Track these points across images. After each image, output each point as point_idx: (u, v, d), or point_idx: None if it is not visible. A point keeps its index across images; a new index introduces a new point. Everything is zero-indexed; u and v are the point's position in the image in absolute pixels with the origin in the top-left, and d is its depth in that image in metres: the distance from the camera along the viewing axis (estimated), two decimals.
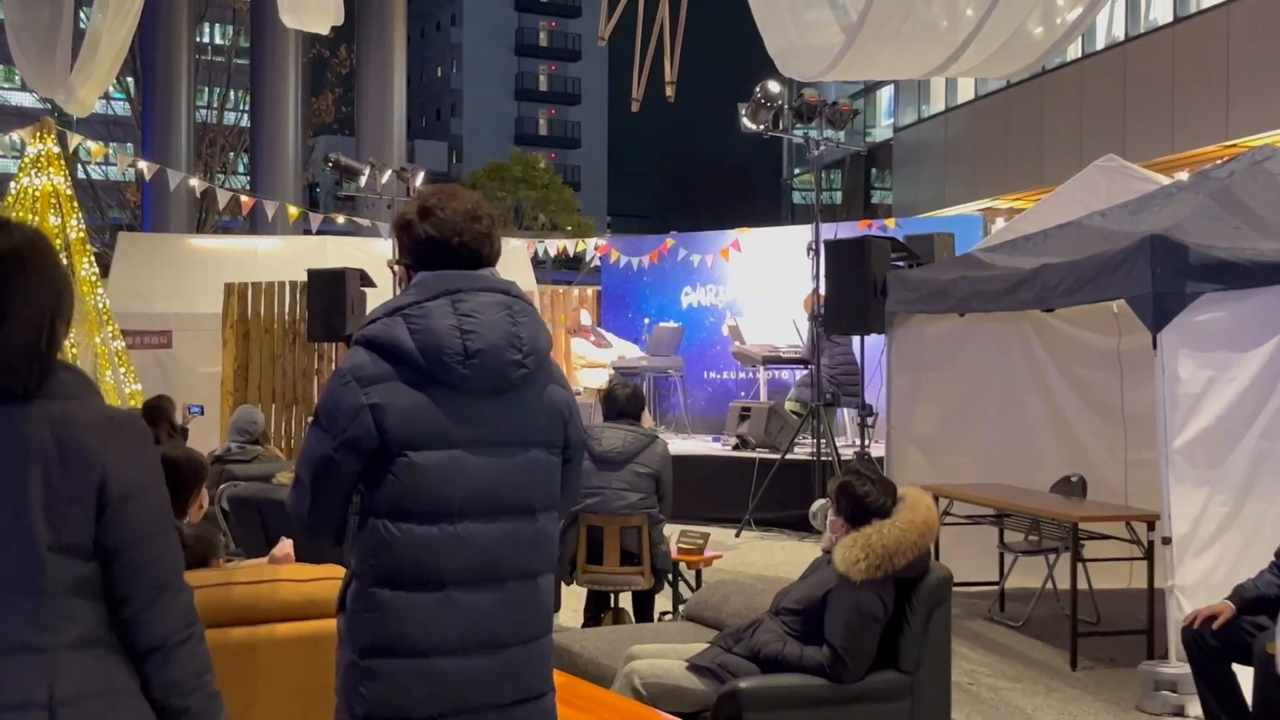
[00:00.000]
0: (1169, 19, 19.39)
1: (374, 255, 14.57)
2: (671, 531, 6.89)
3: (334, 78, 28.65)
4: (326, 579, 3.75)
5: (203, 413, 12.43)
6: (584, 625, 6.55)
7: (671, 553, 6.76)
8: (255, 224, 22.59)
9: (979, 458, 8.55)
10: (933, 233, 11.35)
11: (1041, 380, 8.67)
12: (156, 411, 9.34)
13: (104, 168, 27.31)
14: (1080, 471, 8.28)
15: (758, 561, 10.01)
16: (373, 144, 21.60)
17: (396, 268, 3.07)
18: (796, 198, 56.39)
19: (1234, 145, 17.07)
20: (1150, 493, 8.40)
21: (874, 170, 43.11)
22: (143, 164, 16.68)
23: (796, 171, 58.17)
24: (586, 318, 14.92)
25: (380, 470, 2.70)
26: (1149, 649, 6.45)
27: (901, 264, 10.23)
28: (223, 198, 15.31)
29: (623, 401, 6.56)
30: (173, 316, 16.04)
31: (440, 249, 2.84)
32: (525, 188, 40.52)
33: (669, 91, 6.52)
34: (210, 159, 27.72)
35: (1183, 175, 10.10)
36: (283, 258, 15.21)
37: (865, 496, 4.30)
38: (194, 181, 15.51)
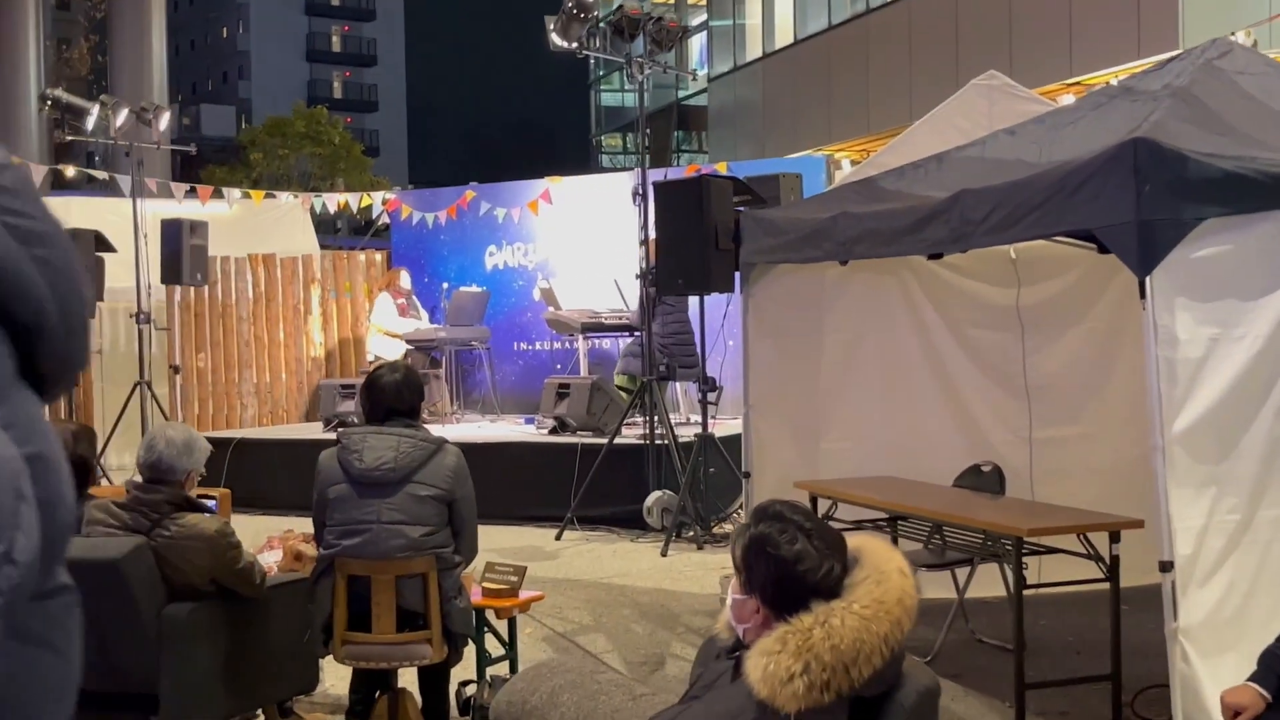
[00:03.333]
0: None
1: (123, 217, 12.18)
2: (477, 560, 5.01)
3: (87, 23, 25.59)
4: None
5: None
6: (348, 717, 4.62)
7: (474, 595, 4.89)
8: None
9: (859, 442, 6.89)
10: (777, 173, 9.64)
11: (929, 344, 7.05)
12: None
13: None
14: (978, 454, 6.73)
15: (586, 571, 8.21)
16: (130, 95, 18.95)
17: None
18: (605, 160, 54.76)
19: (1078, 82, 15.89)
20: (1059, 481, 6.88)
21: (682, 132, 41.64)
22: None
23: (604, 135, 56.53)
24: (407, 281, 12.75)
25: None
26: (1114, 701, 4.85)
27: (743, 210, 8.52)
28: None
29: (392, 394, 4.59)
30: None
31: None
32: (311, 145, 37.58)
33: None
34: None
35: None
36: None
37: (799, 562, 2.48)
38: None
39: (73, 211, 13.78)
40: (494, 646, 5.08)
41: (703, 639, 6.57)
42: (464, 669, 4.86)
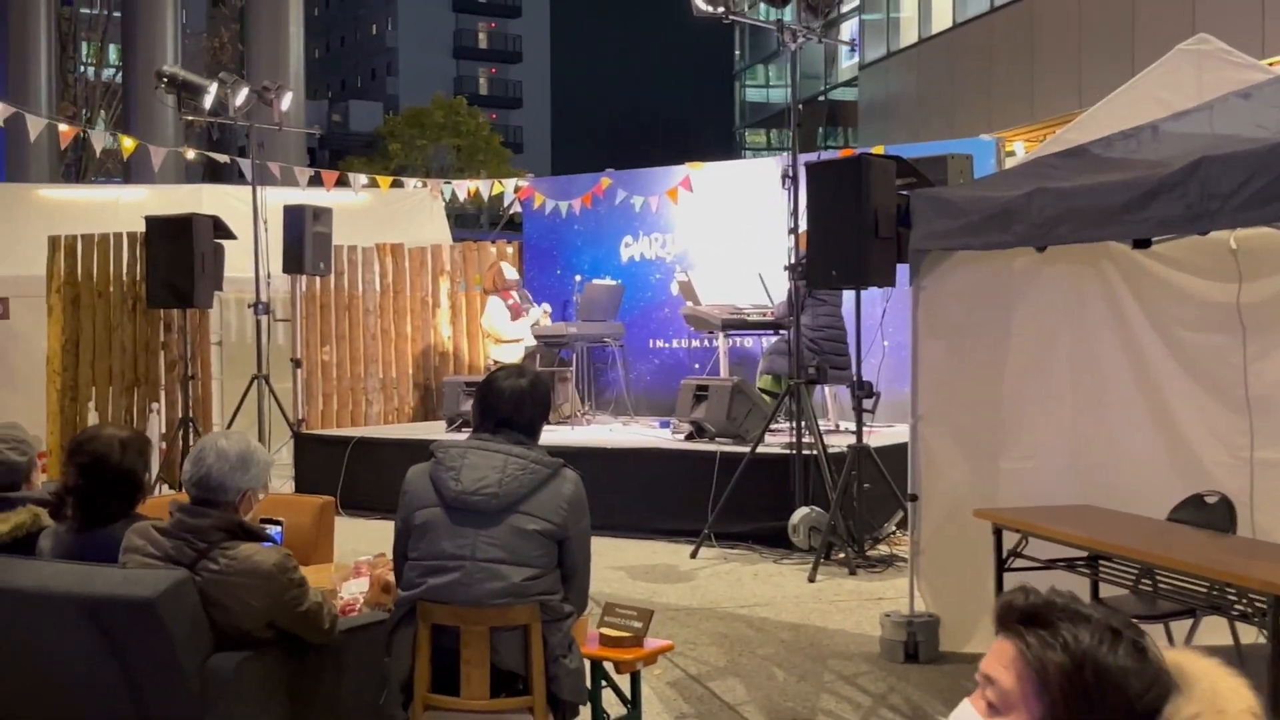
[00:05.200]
0: None
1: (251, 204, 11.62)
2: (591, 600, 4.18)
3: (228, 11, 25.59)
4: None
5: None
6: None
7: (590, 643, 4.06)
8: (132, 176, 19.74)
9: (1045, 462, 5.90)
10: (944, 154, 8.63)
11: (1132, 347, 6.02)
12: None
13: None
14: (1187, 477, 5.71)
15: (723, 597, 7.33)
16: (266, 78, 18.66)
17: None
18: (748, 155, 53.81)
19: (1274, 61, 14.46)
20: None
21: (828, 127, 40.36)
22: None
23: (747, 129, 55.53)
24: (511, 272, 12.05)
25: None
26: None
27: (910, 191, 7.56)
28: (34, 128, 12.36)
29: (509, 402, 3.75)
30: (10, 280, 13.24)
31: None
32: (449, 135, 37.20)
33: None
34: (89, 111, 24.81)
35: None
36: (149, 210, 12.23)
37: (1126, 686, 1.52)
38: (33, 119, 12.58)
39: (204, 199, 13.40)
40: (613, 704, 4.24)
41: (856, 690, 5.68)
42: None
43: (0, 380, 13.36)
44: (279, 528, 3.89)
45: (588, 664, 3.98)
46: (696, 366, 11.70)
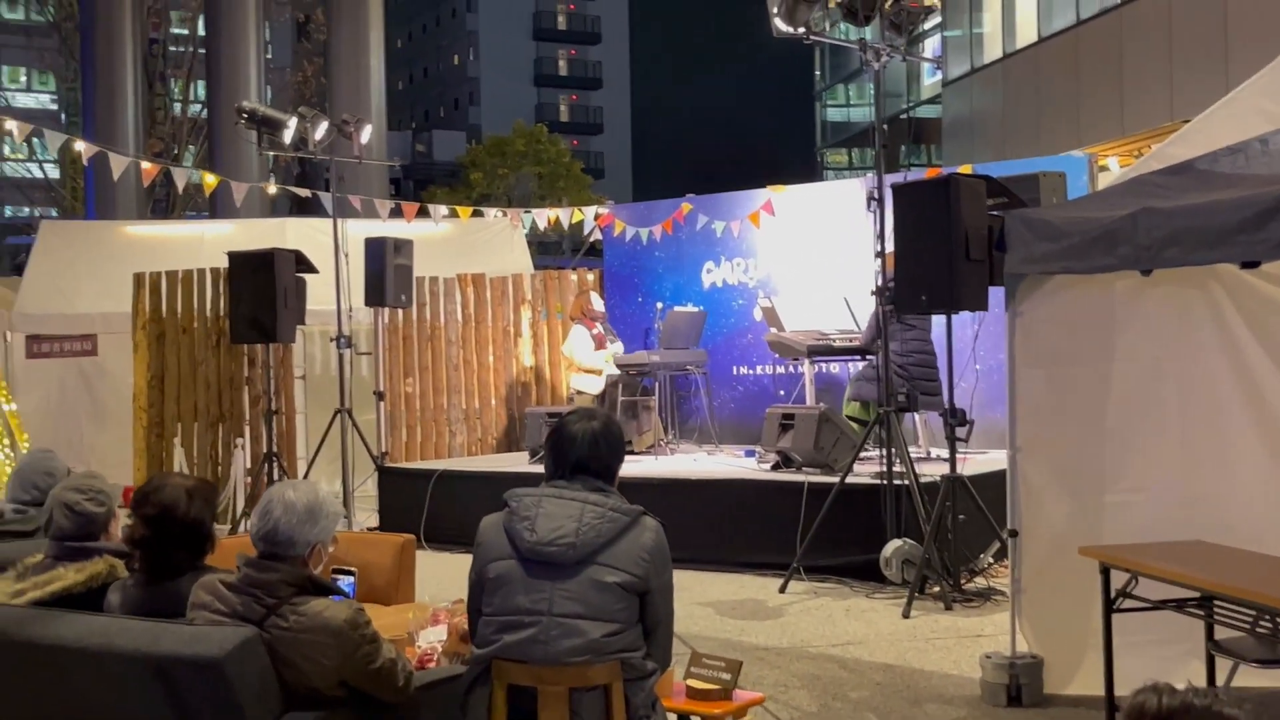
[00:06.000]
0: None
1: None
2: (677, 647, 3.99)
3: (312, 46, 25.91)
4: None
5: None
6: None
7: (673, 694, 3.87)
8: (218, 211, 19.96)
9: (1152, 495, 5.59)
10: (1036, 173, 8.34)
11: (1243, 373, 5.69)
12: None
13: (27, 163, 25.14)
14: None
15: (814, 634, 7.09)
16: (347, 110, 18.78)
17: None
18: (829, 176, 53.47)
19: None
20: None
21: (911, 146, 39.87)
22: (80, 144, 13.96)
23: (828, 149, 55.20)
24: (599, 303, 11.94)
25: None
26: None
27: (1003, 212, 7.30)
28: (117, 166, 12.47)
29: (584, 446, 3.59)
30: (99, 317, 13.44)
31: None
32: (530, 163, 37.35)
33: None
34: (173, 148, 25.22)
35: None
36: (234, 245, 12.28)
37: None
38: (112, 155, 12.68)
39: (288, 232, 13.45)
40: None
41: None
42: None
43: (89, 417, 13.53)
44: (351, 578, 3.75)
45: (674, 718, 3.80)
46: (781, 393, 11.47)
